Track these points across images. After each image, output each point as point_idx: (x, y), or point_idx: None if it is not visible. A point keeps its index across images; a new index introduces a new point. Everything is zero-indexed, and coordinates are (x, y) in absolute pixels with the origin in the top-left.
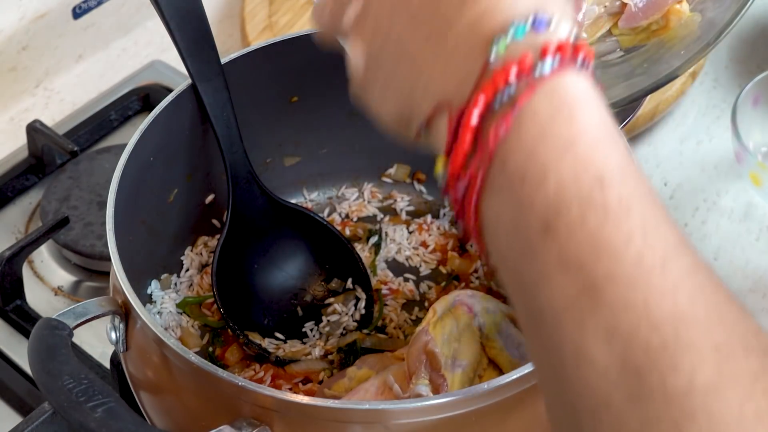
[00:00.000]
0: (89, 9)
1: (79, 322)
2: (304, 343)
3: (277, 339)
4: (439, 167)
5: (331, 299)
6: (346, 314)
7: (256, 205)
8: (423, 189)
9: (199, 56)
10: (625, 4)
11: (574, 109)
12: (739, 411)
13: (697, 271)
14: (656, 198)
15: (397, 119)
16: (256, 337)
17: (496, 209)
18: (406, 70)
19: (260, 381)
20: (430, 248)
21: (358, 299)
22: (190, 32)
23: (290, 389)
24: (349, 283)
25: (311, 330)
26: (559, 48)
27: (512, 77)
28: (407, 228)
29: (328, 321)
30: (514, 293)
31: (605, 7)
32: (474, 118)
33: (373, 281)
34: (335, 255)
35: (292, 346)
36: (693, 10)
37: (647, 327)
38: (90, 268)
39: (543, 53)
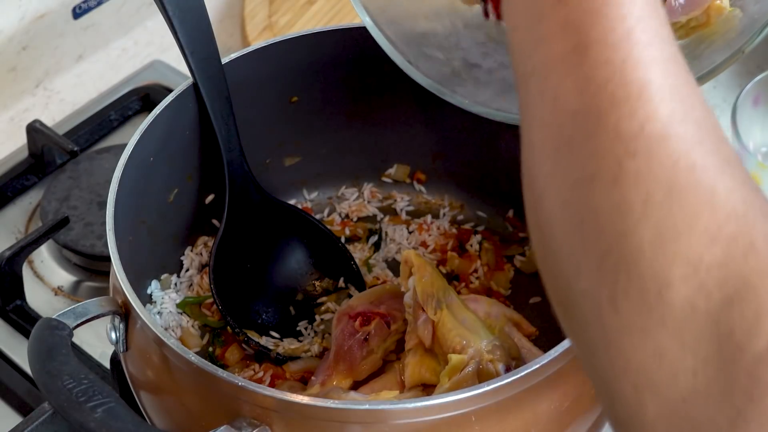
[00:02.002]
0: (89, 9)
1: (79, 322)
2: (300, 341)
3: (273, 338)
4: None
5: (324, 298)
6: None
7: (252, 204)
8: (423, 189)
9: (200, 54)
10: (664, 0)
11: None
12: (676, 160)
13: (677, 60)
14: (659, 2)
15: None
16: (254, 335)
17: None
18: None
19: (260, 381)
20: (430, 248)
21: (351, 297)
22: (192, 29)
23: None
24: (342, 282)
25: (305, 329)
26: None
27: None
28: (407, 228)
29: (322, 320)
30: (516, 56)
31: None
32: None
33: (368, 278)
34: (328, 254)
35: (290, 344)
36: (733, 5)
37: (618, 81)
38: (90, 268)
39: None
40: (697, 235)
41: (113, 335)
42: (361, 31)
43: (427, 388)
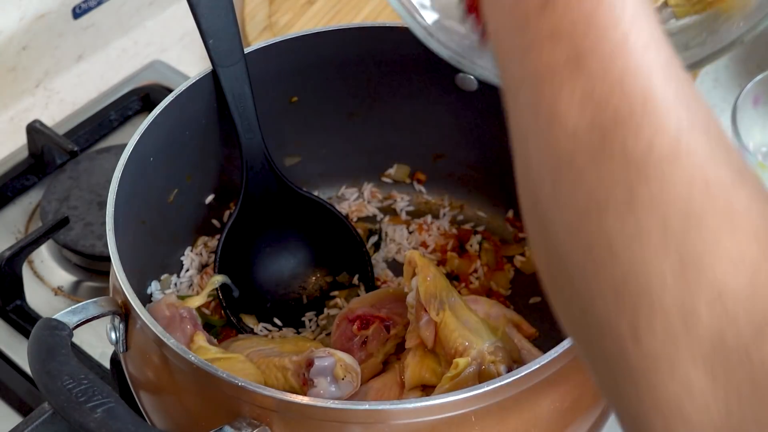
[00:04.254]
0: (89, 9)
1: (79, 322)
2: (298, 332)
3: (274, 325)
4: None
5: (336, 292)
6: None
7: (270, 191)
8: (423, 189)
9: (222, 38)
10: None
11: None
12: (690, 180)
13: (675, 64)
14: (650, 5)
15: None
16: (250, 321)
17: None
18: None
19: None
20: (430, 248)
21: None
22: (215, 15)
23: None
24: (356, 279)
25: (310, 320)
26: None
27: None
28: (407, 228)
29: (328, 314)
30: (502, 63)
31: None
32: None
33: None
34: (345, 249)
35: (285, 334)
36: None
37: (619, 95)
38: (90, 268)
39: None
40: (720, 262)
41: (113, 335)
42: (362, 31)
43: (427, 389)
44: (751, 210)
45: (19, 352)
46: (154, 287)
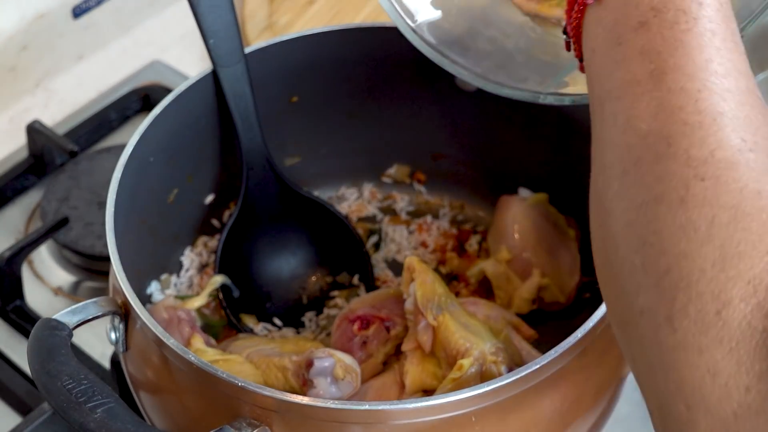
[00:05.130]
0: (89, 9)
1: (78, 322)
2: (298, 332)
3: (274, 325)
4: None
5: (336, 292)
6: None
7: (270, 191)
8: (423, 189)
9: (222, 38)
10: None
11: None
12: (743, 185)
13: (752, 92)
14: (738, 37)
15: None
16: (250, 321)
17: (601, 11)
18: None
19: None
20: (430, 248)
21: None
22: (215, 15)
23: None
24: (356, 280)
25: (310, 320)
26: None
27: None
28: (407, 228)
29: (328, 314)
30: (594, 78)
31: None
32: None
33: None
34: (345, 249)
35: (285, 334)
36: None
37: (692, 109)
38: (90, 268)
39: None
40: (759, 257)
41: (113, 335)
42: (362, 31)
43: (428, 392)
44: None
45: (18, 352)
46: (154, 287)
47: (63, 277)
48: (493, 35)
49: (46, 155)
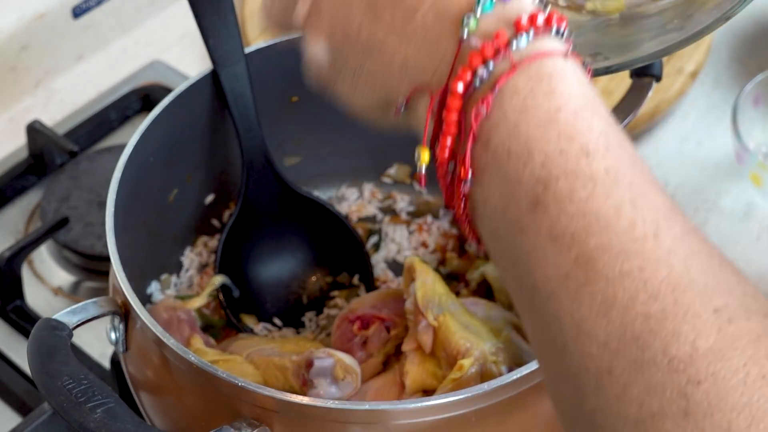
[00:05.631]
0: (89, 9)
1: (78, 322)
2: (298, 333)
3: (274, 325)
4: (423, 156)
5: (336, 292)
6: None
7: (270, 191)
8: (423, 189)
9: (222, 38)
10: None
11: (553, 81)
12: (745, 374)
13: (690, 236)
14: (643, 164)
15: (374, 106)
16: (250, 321)
17: (484, 190)
18: (377, 59)
19: None
20: (430, 248)
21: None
22: (215, 15)
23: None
24: (356, 280)
25: (310, 320)
26: (532, 19)
27: (489, 56)
28: (407, 228)
29: (328, 314)
30: (505, 270)
31: None
32: (456, 101)
33: None
34: (345, 249)
35: (285, 334)
36: None
37: (645, 295)
38: (90, 268)
39: (517, 27)
40: None
41: (113, 335)
42: None
43: (428, 393)
44: None
45: (18, 352)
46: (154, 287)
47: (63, 277)
48: None
49: (46, 155)
